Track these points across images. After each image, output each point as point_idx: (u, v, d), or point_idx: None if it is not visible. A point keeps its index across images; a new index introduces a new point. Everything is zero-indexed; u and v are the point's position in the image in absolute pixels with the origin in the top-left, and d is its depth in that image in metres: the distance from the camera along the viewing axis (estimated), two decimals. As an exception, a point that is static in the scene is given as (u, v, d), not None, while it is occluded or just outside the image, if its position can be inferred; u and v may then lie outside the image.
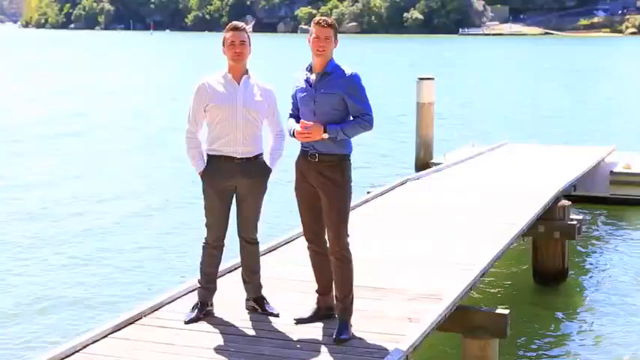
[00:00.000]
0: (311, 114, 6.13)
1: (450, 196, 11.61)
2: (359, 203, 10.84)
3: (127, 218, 14.85)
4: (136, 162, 21.34)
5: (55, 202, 16.26)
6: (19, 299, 10.42)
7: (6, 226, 14.26)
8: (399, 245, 8.83)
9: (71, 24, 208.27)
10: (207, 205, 6.50)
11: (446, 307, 6.76)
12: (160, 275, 11.11)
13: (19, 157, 22.16)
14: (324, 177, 6.14)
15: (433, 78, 18.56)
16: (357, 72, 6.17)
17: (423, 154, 18.18)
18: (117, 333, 6.26)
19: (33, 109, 33.61)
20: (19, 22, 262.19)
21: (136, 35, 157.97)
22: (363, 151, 22.81)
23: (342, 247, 6.22)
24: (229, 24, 6.51)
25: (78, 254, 12.43)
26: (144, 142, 24.54)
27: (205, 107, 6.39)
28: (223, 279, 7.35)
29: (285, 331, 6.31)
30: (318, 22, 6.16)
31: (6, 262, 12.09)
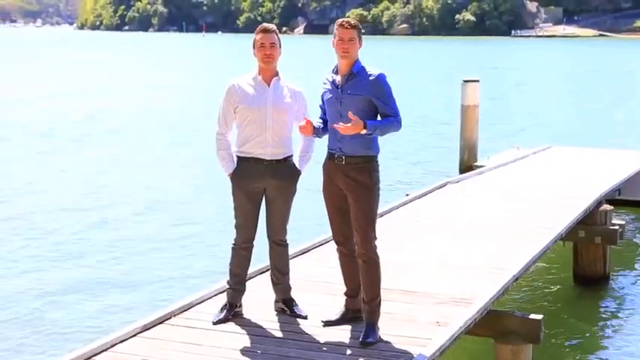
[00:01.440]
0: (337, 115, 6.13)
1: (488, 199, 11.51)
2: (397, 205, 10.82)
3: (159, 219, 14.99)
4: (169, 162, 21.51)
5: (88, 199, 16.56)
6: (49, 296, 10.58)
7: (38, 220, 14.53)
8: (433, 248, 8.79)
9: (125, 26, 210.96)
10: (236, 207, 6.53)
11: (476, 312, 6.70)
12: (192, 275, 11.19)
13: (60, 153, 22.71)
14: (351, 179, 6.13)
15: (478, 80, 18.44)
16: (383, 72, 6.14)
17: (467, 157, 18.05)
18: (146, 332, 6.31)
19: (78, 107, 34.21)
20: (75, 23, 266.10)
21: (188, 37, 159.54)
22: (407, 153, 22.81)
23: (369, 249, 6.21)
24: (259, 26, 6.53)
25: (110, 253, 12.59)
26: (180, 143, 24.70)
27: (235, 109, 6.42)
28: (254, 280, 7.39)
29: (312, 333, 6.31)
30: (341, 23, 6.15)
31: (36, 257, 12.31)
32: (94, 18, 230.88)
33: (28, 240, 13.40)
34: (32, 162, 21.41)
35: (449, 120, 27.24)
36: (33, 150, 23.50)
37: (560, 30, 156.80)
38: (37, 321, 9.69)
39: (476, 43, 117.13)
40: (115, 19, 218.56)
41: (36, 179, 18.82)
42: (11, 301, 10.41)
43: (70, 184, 18.21)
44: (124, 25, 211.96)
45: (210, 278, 9.60)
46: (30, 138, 26.03)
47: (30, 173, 19.66)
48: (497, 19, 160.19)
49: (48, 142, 25.19)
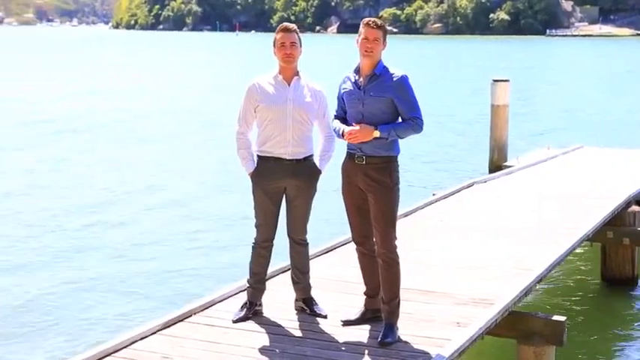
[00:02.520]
0: (359, 116, 6.11)
1: (515, 199, 11.44)
2: (422, 205, 10.79)
3: (181, 218, 15.08)
4: (194, 161, 21.64)
5: (110, 196, 16.76)
6: (70, 293, 10.69)
7: (60, 216, 14.69)
8: (456, 248, 8.75)
9: (160, 25, 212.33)
10: (256, 206, 6.54)
11: (496, 313, 6.66)
12: (213, 274, 11.24)
13: (87, 150, 23.03)
14: (371, 179, 6.11)
15: (508, 80, 18.31)
16: (406, 74, 6.11)
17: (497, 157, 17.93)
18: (166, 330, 6.34)
19: (107, 105, 34.64)
20: (110, 23, 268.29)
21: (222, 36, 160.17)
22: (437, 152, 22.75)
23: (389, 249, 6.19)
24: (280, 25, 6.54)
25: (132, 251, 12.70)
26: (206, 142, 24.84)
27: (255, 108, 6.43)
28: (275, 279, 7.41)
29: (330, 332, 6.30)
30: (367, 23, 6.13)
31: (57, 254, 12.44)
32: (129, 17, 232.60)
33: (50, 236, 13.58)
34: (57, 159, 21.65)
35: (480, 120, 27.11)
36: (60, 147, 23.86)
37: (596, 29, 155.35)
38: (58, 318, 9.79)
39: (510, 43, 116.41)
40: (150, 18, 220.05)
41: (60, 176, 19.11)
42: (31, 297, 10.53)
43: (93, 182, 18.41)
44: (158, 25, 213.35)
45: (231, 277, 9.63)
46: (58, 135, 26.40)
47: (54, 170, 19.94)
48: (532, 18, 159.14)
49: (74, 139, 25.56)
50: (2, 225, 14.36)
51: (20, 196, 16.98)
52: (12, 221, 14.63)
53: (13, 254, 12.48)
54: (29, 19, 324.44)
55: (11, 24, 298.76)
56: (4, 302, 10.35)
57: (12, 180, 18.57)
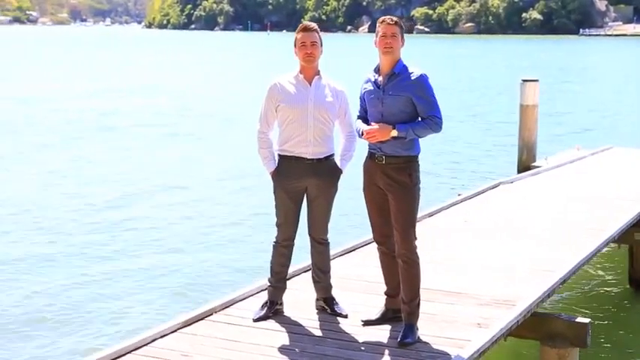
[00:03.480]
0: (379, 115, 6.10)
1: (541, 200, 11.35)
2: (447, 205, 10.75)
3: (203, 216, 15.11)
4: (211, 160, 21.70)
5: (129, 194, 16.83)
6: (90, 291, 10.76)
7: (84, 214, 14.79)
8: (480, 249, 8.70)
9: (192, 25, 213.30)
10: (277, 205, 6.56)
11: (518, 314, 6.62)
12: (234, 273, 11.26)
13: (112, 149, 23.21)
14: (391, 179, 6.09)
15: (537, 80, 18.18)
16: (425, 73, 6.09)
17: (526, 157, 17.78)
18: (186, 328, 6.37)
19: (134, 104, 35.01)
20: (143, 22, 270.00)
21: (253, 36, 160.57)
22: (465, 152, 22.66)
23: (408, 249, 6.17)
24: (300, 24, 6.55)
25: (153, 249, 12.76)
26: (226, 142, 24.91)
27: (276, 107, 6.44)
28: (297, 279, 7.42)
29: (351, 332, 6.30)
30: (383, 20, 6.13)
31: (77, 251, 12.53)
32: (161, 17, 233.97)
33: (70, 233, 13.70)
34: (82, 156, 21.88)
35: (509, 120, 26.96)
36: (86, 144, 24.14)
37: (631, 29, 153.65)
38: (79, 315, 9.85)
39: (542, 42, 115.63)
40: (182, 18, 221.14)
41: (84, 173, 19.32)
42: (53, 294, 10.61)
43: (115, 179, 18.55)
44: (190, 24, 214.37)
45: (253, 276, 9.66)
46: (85, 132, 26.80)
47: (79, 167, 20.18)
48: (565, 17, 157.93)
49: (101, 136, 25.87)
50: (25, 221, 14.50)
51: (44, 192, 17.18)
52: (34, 217, 14.78)
53: (35, 251, 12.58)
54: (63, 18, 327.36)
55: (45, 24, 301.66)
56: (26, 298, 10.44)
57: (35, 176, 18.77)
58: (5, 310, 10.01)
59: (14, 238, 13.50)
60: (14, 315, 9.86)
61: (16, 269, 11.69)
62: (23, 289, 10.84)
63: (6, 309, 10.04)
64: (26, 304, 10.23)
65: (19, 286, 10.97)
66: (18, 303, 10.28)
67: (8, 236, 13.58)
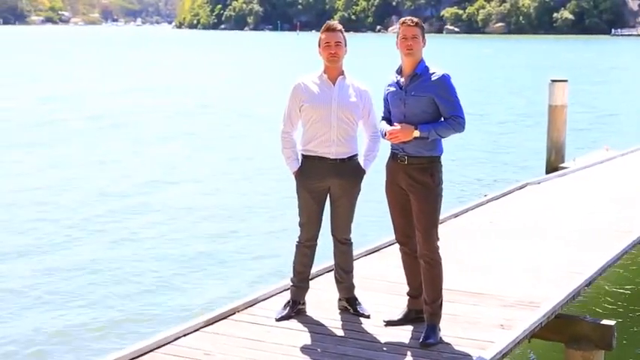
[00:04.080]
0: (401, 116, 6.09)
1: (568, 200, 11.28)
2: (473, 206, 10.72)
3: (226, 215, 15.14)
4: (234, 159, 21.74)
5: (154, 194, 16.90)
6: (115, 289, 10.81)
7: (108, 216, 14.85)
8: (505, 250, 8.65)
9: (222, 25, 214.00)
10: (300, 205, 6.56)
11: (542, 316, 6.58)
12: (257, 272, 11.27)
13: (140, 147, 23.39)
14: (414, 179, 6.08)
15: (566, 80, 18.05)
16: (448, 73, 6.06)
17: (554, 158, 17.66)
18: (209, 327, 6.40)
19: (163, 103, 35.33)
20: (173, 22, 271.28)
21: (282, 35, 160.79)
22: (493, 153, 22.54)
23: (431, 250, 6.15)
24: (325, 24, 6.54)
25: (177, 248, 12.80)
26: (249, 141, 24.95)
27: (300, 107, 6.44)
28: (320, 278, 7.43)
29: (373, 332, 6.29)
30: (404, 21, 6.10)
31: (103, 252, 12.61)
32: (191, 17, 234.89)
33: (93, 229, 13.80)
34: (110, 152, 22.16)
35: (539, 120, 26.81)
36: (112, 141, 24.39)
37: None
38: (102, 313, 9.92)
39: (574, 43, 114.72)
40: (212, 18, 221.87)
41: (110, 170, 19.51)
42: (77, 292, 10.70)
43: (138, 176, 18.67)
44: (220, 24, 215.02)
45: (276, 275, 9.69)
46: (110, 129, 27.10)
47: (104, 163, 20.43)
48: (596, 17, 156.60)
49: (126, 134, 26.12)
50: (45, 216, 14.67)
51: (69, 185, 17.44)
52: (55, 212, 14.96)
53: (58, 244, 12.73)
54: (95, 18, 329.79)
55: (77, 24, 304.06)
56: (52, 295, 10.53)
57: (58, 173, 18.98)
58: (37, 310, 10.11)
59: (41, 232, 13.72)
60: (44, 314, 9.95)
61: (41, 264, 11.82)
62: (49, 285, 10.95)
63: (38, 309, 10.14)
64: (48, 304, 10.30)
65: (46, 281, 11.08)
66: (44, 301, 10.37)
67: (37, 230, 13.80)
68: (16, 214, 15.04)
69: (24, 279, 11.15)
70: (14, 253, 12.39)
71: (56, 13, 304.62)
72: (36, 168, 19.76)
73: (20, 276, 11.27)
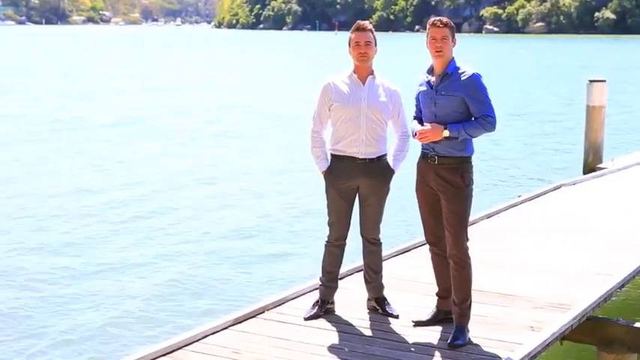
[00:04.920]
0: (432, 116, 6.07)
1: (602, 202, 11.17)
2: (506, 207, 10.66)
3: (256, 214, 15.14)
4: (264, 158, 21.79)
5: (185, 191, 17.04)
6: (144, 286, 10.89)
7: (138, 213, 14.98)
8: (537, 251, 8.60)
9: (260, 24, 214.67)
10: (329, 205, 6.56)
11: (572, 318, 6.52)
12: (287, 271, 11.29)
13: (173, 145, 23.58)
14: (444, 179, 6.05)
15: (605, 80, 17.86)
16: (479, 72, 6.03)
17: (592, 159, 17.48)
18: (237, 325, 6.43)
19: (195, 101, 35.64)
20: (213, 22, 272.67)
21: (320, 35, 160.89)
22: (530, 153, 22.37)
23: (460, 251, 6.12)
24: (355, 24, 6.54)
25: (210, 248, 12.83)
26: (279, 140, 24.96)
27: (330, 107, 6.45)
28: (350, 278, 7.44)
29: (401, 332, 6.28)
30: (433, 22, 6.07)
31: (133, 249, 12.71)
32: (230, 17, 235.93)
33: (129, 230, 13.86)
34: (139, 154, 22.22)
35: (576, 121, 26.57)
36: (143, 141, 24.54)
37: None
38: (132, 311, 9.99)
39: (615, 43, 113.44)
40: (251, 17, 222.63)
41: (137, 169, 19.65)
42: (108, 289, 10.78)
43: (168, 176, 18.76)
44: (259, 24, 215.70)
45: (306, 275, 9.69)
46: (138, 129, 27.21)
47: (134, 164, 20.46)
48: (639, 17, 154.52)
49: (158, 133, 26.26)
50: (81, 215, 14.80)
51: (99, 186, 17.55)
52: (90, 211, 15.06)
53: (91, 247, 12.81)
54: (135, 18, 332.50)
55: (118, 23, 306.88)
56: (81, 293, 10.63)
57: (90, 171, 19.20)
58: (64, 307, 10.22)
59: (68, 228, 13.91)
60: (73, 312, 10.05)
61: (69, 262, 11.93)
62: (78, 283, 11.08)
63: (64, 306, 10.25)
64: (81, 302, 10.42)
65: (75, 280, 11.20)
66: (72, 299, 10.48)
67: (67, 227, 14.00)
68: (48, 210, 15.24)
69: (54, 277, 11.27)
70: (45, 251, 12.52)
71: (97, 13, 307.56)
72: (68, 165, 20.02)
73: (50, 273, 11.39)
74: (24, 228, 13.94)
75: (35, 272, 11.43)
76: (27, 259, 12.10)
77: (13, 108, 32.55)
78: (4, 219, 14.55)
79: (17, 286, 10.86)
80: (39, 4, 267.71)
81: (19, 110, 31.77)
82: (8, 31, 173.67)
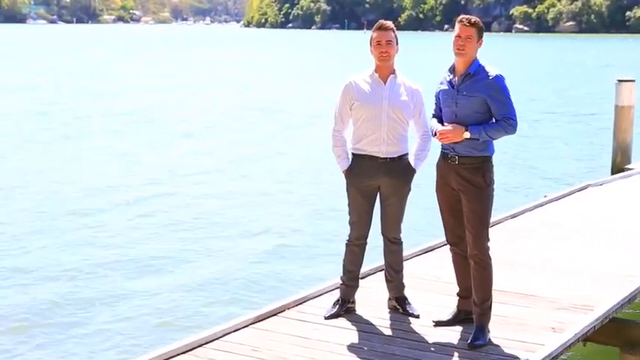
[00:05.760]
0: (452, 116, 6.04)
1: (629, 203, 11.06)
2: (532, 207, 10.59)
3: (277, 213, 15.16)
4: (286, 157, 21.83)
5: (207, 189, 17.08)
6: (165, 283, 10.95)
7: (163, 213, 15.01)
8: (561, 252, 8.53)
9: (289, 23, 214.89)
10: (350, 204, 6.56)
11: (595, 319, 6.47)
12: (308, 270, 11.28)
13: (202, 144, 23.70)
14: (464, 180, 6.02)
15: (634, 80, 17.68)
16: (502, 74, 5.98)
17: (620, 160, 17.32)
18: (258, 324, 6.45)
19: (222, 100, 35.81)
20: (242, 21, 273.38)
21: (349, 34, 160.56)
22: (558, 153, 22.23)
23: (481, 251, 6.09)
24: (376, 23, 6.53)
25: (230, 243, 12.92)
26: (303, 139, 24.96)
27: (351, 106, 6.44)
28: (371, 277, 7.43)
29: (421, 332, 6.27)
30: (460, 20, 6.03)
31: (156, 245, 12.81)
32: (259, 16, 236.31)
33: (150, 229, 13.90)
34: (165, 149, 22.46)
35: (606, 120, 26.34)
36: (169, 137, 24.82)
37: None
38: (153, 308, 10.05)
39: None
40: (280, 16, 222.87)
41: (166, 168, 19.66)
42: (131, 287, 10.83)
43: (192, 174, 18.82)
44: (287, 23, 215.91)
45: (327, 274, 9.68)
46: (164, 126, 27.51)
47: (158, 160, 20.65)
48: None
49: (183, 132, 26.29)
50: (97, 216, 14.87)
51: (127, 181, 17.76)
52: (107, 212, 15.13)
53: (115, 242, 12.92)
54: (165, 17, 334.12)
55: (148, 22, 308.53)
56: (104, 292, 10.69)
57: (103, 170, 19.29)
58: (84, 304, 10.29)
59: (92, 224, 14.08)
60: (88, 308, 10.13)
61: (91, 257, 12.05)
62: (100, 280, 11.16)
63: (84, 303, 10.32)
64: (104, 297, 10.49)
65: (93, 277, 11.29)
66: (94, 295, 10.55)
67: (87, 222, 14.22)
68: (74, 206, 15.43)
69: (74, 273, 11.35)
70: (68, 247, 12.65)
71: (127, 12, 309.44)
72: (93, 162, 20.26)
73: (71, 270, 11.48)
74: (52, 224, 14.11)
75: (56, 268, 11.54)
76: (50, 255, 12.22)
77: (42, 105, 32.91)
78: (34, 214, 14.75)
79: (38, 284, 10.95)
80: (70, 3, 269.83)
81: (47, 107, 32.13)
82: (40, 30, 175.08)
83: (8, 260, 11.93)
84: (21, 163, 19.89)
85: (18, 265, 11.72)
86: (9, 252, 12.36)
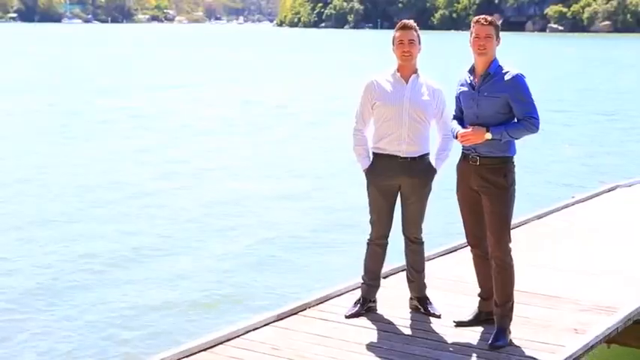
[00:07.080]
0: (474, 117, 6.01)
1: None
2: (559, 207, 10.52)
3: (298, 212, 15.15)
4: (307, 156, 21.82)
5: (226, 189, 17.09)
6: (187, 281, 10.99)
7: (182, 211, 15.06)
8: (586, 253, 8.47)
9: (322, 23, 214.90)
10: (370, 203, 6.56)
11: (618, 321, 6.41)
12: (332, 269, 11.25)
13: (218, 142, 23.80)
14: (486, 180, 5.99)
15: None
16: (521, 73, 5.95)
17: (652, 160, 17.23)
18: (279, 322, 6.46)
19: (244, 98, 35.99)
20: (275, 21, 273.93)
21: (382, 34, 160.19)
22: (590, 154, 22.05)
23: (502, 252, 6.06)
24: (399, 22, 6.53)
25: (252, 243, 12.92)
26: (324, 138, 24.94)
27: (372, 105, 6.44)
28: (393, 277, 7.42)
29: (441, 332, 6.26)
30: (477, 20, 6.02)
31: (177, 242, 12.89)
32: (292, 15, 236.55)
33: (169, 226, 13.98)
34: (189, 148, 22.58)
35: (638, 121, 26.13)
36: (194, 135, 25.00)
37: None
38: (174, 305, 10.08)
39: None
40: (313, 16, 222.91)
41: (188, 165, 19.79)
42: (151, 284, 10.90)
43: (213, 174, 18.89)
44: (320, 23, 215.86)
45: (349, 273, 9.68)
46: (191, 124, 27.71)
47: (179, 158, 20.76)
48: None
49: (204, 129, 26.45)
50: (116, 209, 15.05)
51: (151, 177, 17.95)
52: (126, 207, 15.27)
53: (134, 239, 13.01)
54: (199, 17, 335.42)
55: (182, 22, 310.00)
56: (125, 288, 10.78)
57: (120, 166, 19.49)
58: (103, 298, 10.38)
59: (115, 217, 14.31)
60: (107, 303, 10.20)
61: (112, 255, 12.13)
62: (121, 276, 11.27)
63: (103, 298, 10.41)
64: (125, 293, 10.57)
65: (112, 272, 11.40)
66: (114, 291, 10.64)
67: (110, 215, 14.45)
68: (93, 199, 15.74)
69: (93, 266, 11.52)
70: (86, 239, 12.87)
71: (162, 12, 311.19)
72: (111, 157, 20.60)
73: (90, 263, 11.64)
74: (74, 216, 14.41)
75: (73, 260, 11.73)
76: (69, 246, 12.46)
77: (73, 103, 33.31)
78: (57, 206, 15.06)
79: (56, 275, 11.13)
80: (105, 2, 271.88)
81: (75, 106, 32.48)
82: (75, 29, 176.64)
83: (12, 252, 12.14)
84: (24, 160, 20.15)
85: (24, 257, 11.94)
86: (15, 245, 12.57)
